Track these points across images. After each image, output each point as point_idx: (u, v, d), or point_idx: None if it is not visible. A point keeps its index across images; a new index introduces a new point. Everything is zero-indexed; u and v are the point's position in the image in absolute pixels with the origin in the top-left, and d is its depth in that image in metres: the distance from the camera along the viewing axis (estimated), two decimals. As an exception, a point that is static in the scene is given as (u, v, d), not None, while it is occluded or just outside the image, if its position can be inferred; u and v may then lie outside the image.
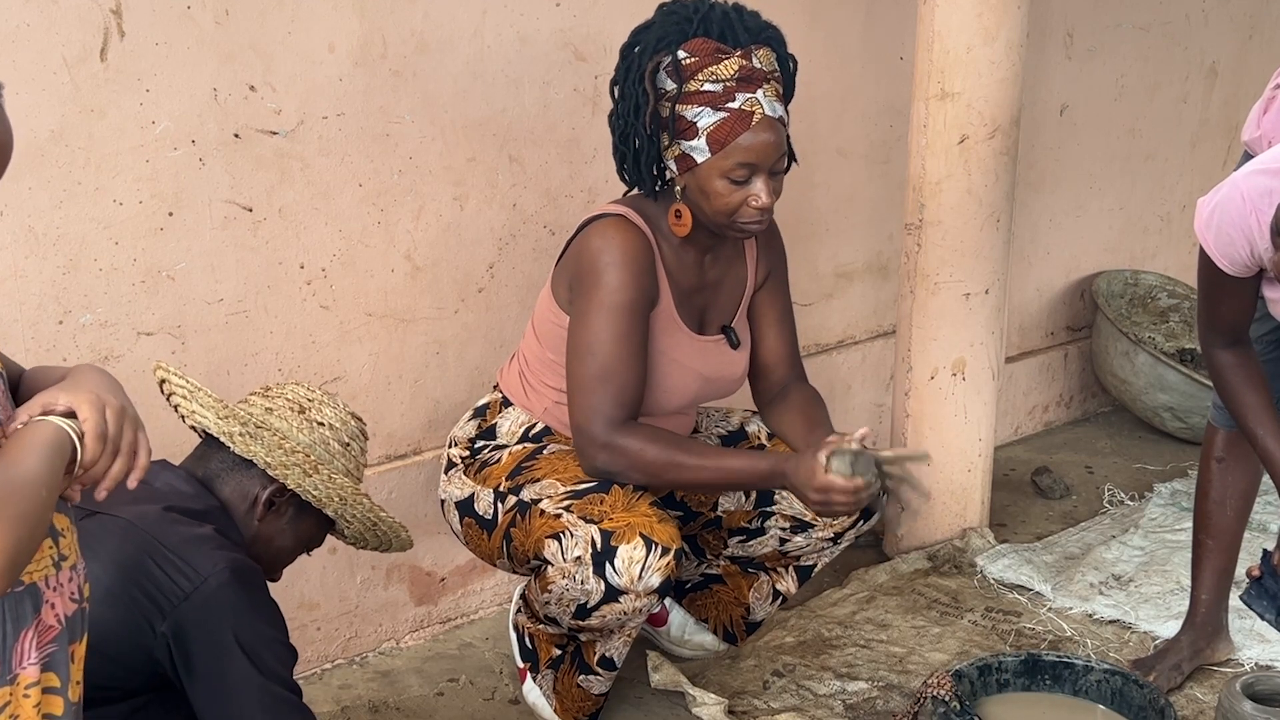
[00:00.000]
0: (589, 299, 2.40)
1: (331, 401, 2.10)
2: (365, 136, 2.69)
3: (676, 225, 2.45)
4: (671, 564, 2.33)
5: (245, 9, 2.48)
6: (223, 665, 1.80)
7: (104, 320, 2.46)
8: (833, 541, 2.73)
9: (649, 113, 2.36)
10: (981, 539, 3.32)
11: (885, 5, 3.49)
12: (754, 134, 2.33)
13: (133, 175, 2.43)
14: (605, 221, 2.44)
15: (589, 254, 2.41)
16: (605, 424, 2.37)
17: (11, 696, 1.40)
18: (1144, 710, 2.48)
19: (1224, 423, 2.65)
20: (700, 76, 2.33)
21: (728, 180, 2.36)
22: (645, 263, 2.42)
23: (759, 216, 2.40)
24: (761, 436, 2.74)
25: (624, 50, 2.42)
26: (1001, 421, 3.71)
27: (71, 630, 1.48)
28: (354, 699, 2.77)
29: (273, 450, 1.96)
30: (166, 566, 1.79)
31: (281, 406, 2.04)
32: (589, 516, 2.36)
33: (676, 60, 2.34)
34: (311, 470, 1.97)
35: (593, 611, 2.38)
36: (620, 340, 2.38)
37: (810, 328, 3.61)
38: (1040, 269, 4.18)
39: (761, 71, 2.35)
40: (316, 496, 1.99)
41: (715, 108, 2.33)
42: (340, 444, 2.06)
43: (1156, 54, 4.22)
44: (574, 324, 2.42)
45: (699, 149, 2.35)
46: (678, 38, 2.35)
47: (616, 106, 2.43)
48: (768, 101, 2.35)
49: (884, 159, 3.62)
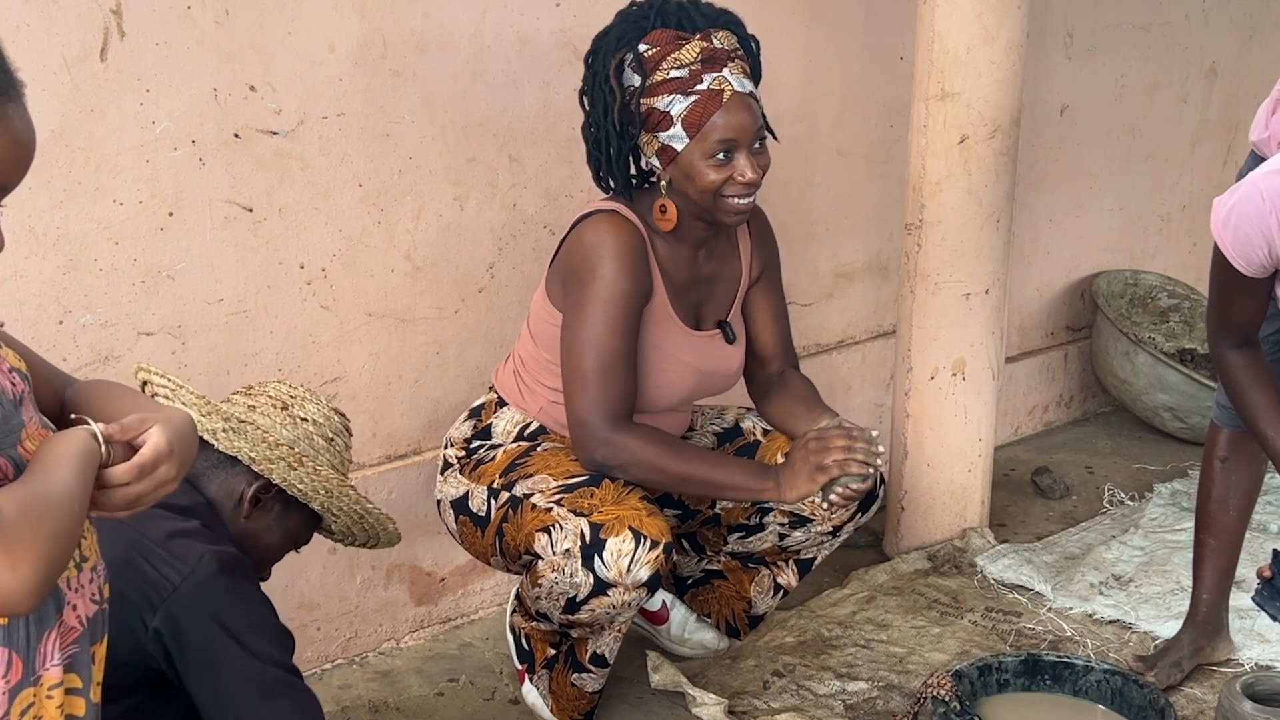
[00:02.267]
0: (583, 293, 2.40)
1: (314, 398, 2.10)
2: (365, 136, 2.69)
3: (661, 220, 2.47)
4: (661, 557, 2.34)
5: (245, 9, 2.48)
6: (216, 654, 1.80)
7: (104, 320, 2.46)
8: (832, 535, 2.74)
9: (617, 109, 2.39)
10: (981, 539, 3.32)
11: (885, 5, 3.49)
12: (727, 112, 2.36)
13: (133, 175, 2.43)
14: (598, 217, 2.45)
15: (582, 249, 2.42)
16: (604, 418, 2.39)
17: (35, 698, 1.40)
18: (1144, 710, 2.48)
19: (1227, 422, 2.65)
20: (664, 65, 2.36)
21: (711, 161, 2.38)
22: (639, 256, 2.43)
23: (746, 191, 2.42)
24: (757, 432, 2.74)
25: (587, 59, 2.46)
26: (1001, 421, 3.71)
27: (93, 631, 1.48)
28: (354, 699, 2.77)
29: (257, 445, 1.95)
30: (154, 561, 1.80)
31: (264, 404, 2.04)
32: (579, 510, 2.38)
33: (638, 54, 2.37)
34: (296, 464, 1.97)
35: (582, 605, 2.39)
36: (616, 332, 2.40)
37: (810, 328, 3.61)
38: (1040, 269, 4.18)
39: (724, 51, 2.38)
40: (302, 490, 1.98)
41: (684, 93, 2.35)
42: (324, 439, 2.06)
43: (1156, 54, 4.22)
44: (569, 319, 2.43)
45: (677, 137, 2.37)
46: (636, 34, 2.38)
47: (587, 116, 2.47)
48: (735, 79, 2.37)
49: (884, 159, 3.62)
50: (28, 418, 1.44)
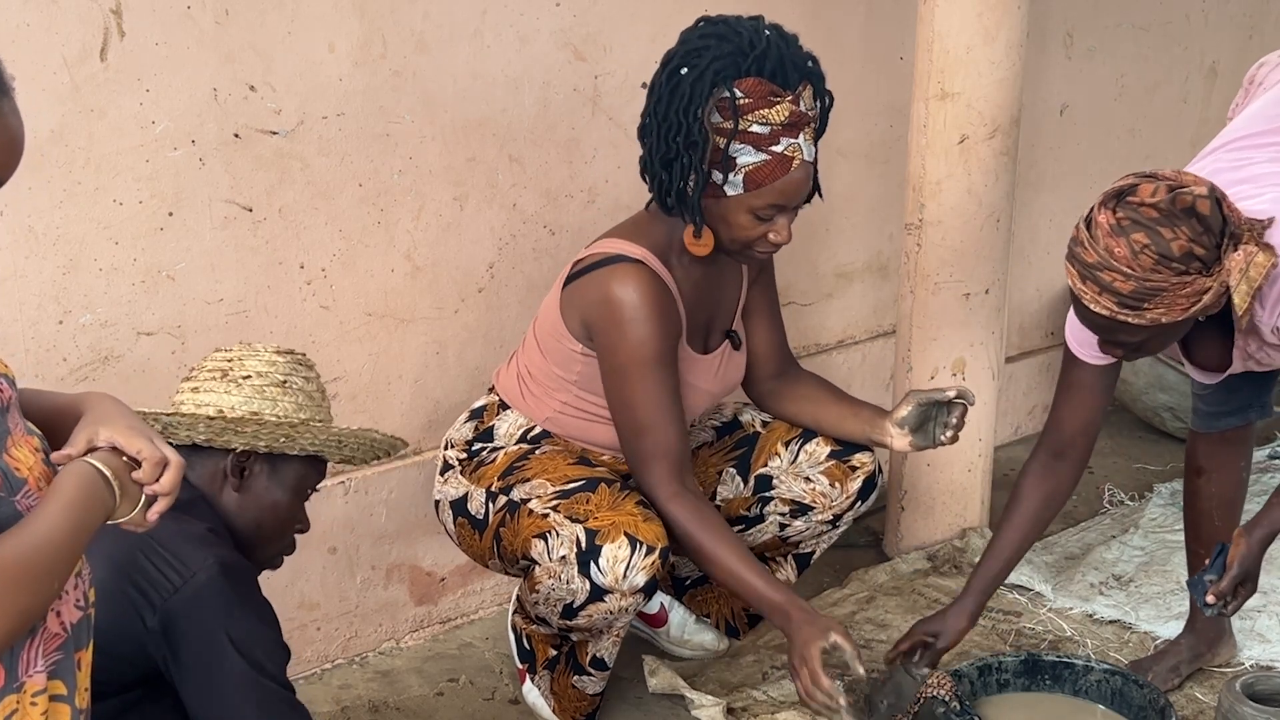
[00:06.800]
0: (621, 353, 2.40)
1: (252, 352, 2.04)
2: (365, 136, 2.69)
3: (695, 245, 2.43)
4: (657, 563, 2.34)
5: (245, 9, 2.48)
6: (212, 660, 1.79)
7: (104, 320, 2.46)
8: (832, 525, 2.75)
9: (708, 151, 2.32)
10: (981, 539, 3.31)
11: (885, 5, 3.49)
12: (789, 179, 2.35)
13: (133, 175, 2.43)
14: (627, 269, 2.41)
15: (612, 303, 2.40)
16: (661, 477, 2.43)
17: (18, 704, 1.40)
18: (1144, 710, 2.48)
19: (1201, 425, 2.66)
20: (750, 117, 2.31)
21: (753, 216, 2.37)
22: (670, 309, 2.44)
23: (774, 249, 2.44)
24: (756, 424, 2.77)
25: (671, 70, 2.35)
26: (1001, 421, 3.71)
27: (77, 637, 1.48)
28: (354, 699, 2.76)
29: (194, 428, 1.94)
30: (157, 560, 1.80)
31: (204, 380, 2.01)
32: (575, 516, 2.38)
33: (733, 99, 2.30)
34: (240, 426, 1.94)
35: (579, 611, 2.39)
36: (661, 386, 2.42)
37: (810, 328, 3.61)
38: (1040, 269, 4.18)
39: (807, 116, 2.35)
40: (266, 444, 1.97)
41: (758, 148, 2.32)
42: (277, 386, 2.01)
43: (1156, 54, 4.22)
44: (612, 377, 2.43)
45: (733, 184, 2.35)
46: (732, 73, 2.31)
47: (659, 128, 2.35)
48: (806, 145, 2.37)
49: (884, 159, 3.61)
50: (13, 425, 1.44)
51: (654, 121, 2.37)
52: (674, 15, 3.06)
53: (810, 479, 2.71)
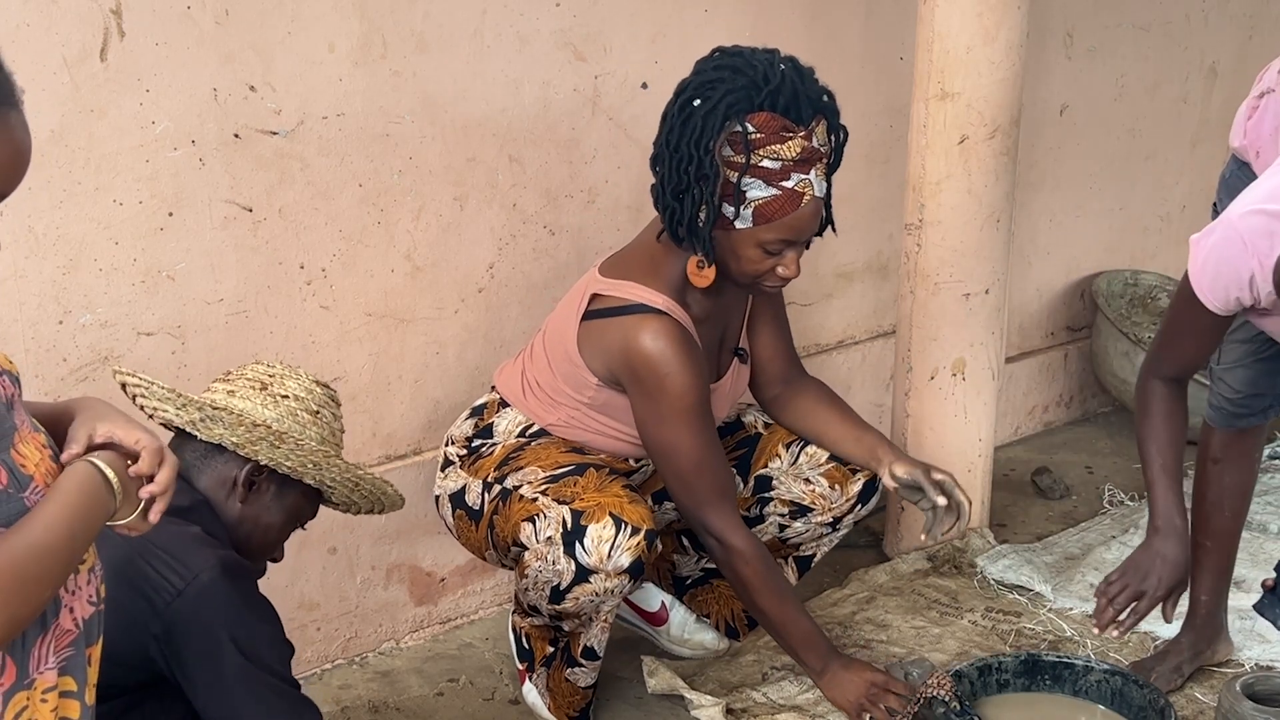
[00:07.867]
0: (660, 403, 2.42)
1: (294, 374, 2.08)
2: (365, 136, 2.69)
3: (697, 276, 2.44)
4: (642, 544, 2.35)
5: (245, 9, 2.48)
6: (217, 660, 1.80)
7: (104, 320, 2.46)
8: (832, 527, 2.75)
9: (720, 185, 2.33)
10: (981, 539, 3.32)
11: (885, 5, 3.49)
12: (799, 215, 2.35)
13: (133, 175, 2.43)
14: (652, 323, 2.40)
15: (642, 356, 2.40)
16: (726, 513, 2.48)
17: (29, 701, 1.40)
18: (1144, 710, 2.48)
19: (1220, 422, 2.65)
20: (762, 152, 2.31)
21: (763, 250, 2.38)
22: (698, 355, 2.45)
23: (783, 284, 2.46)
24: (758, 425, 2.79)
25: (684, 101, 2.34)
26: (1001, 421, 3.71)
27: (88, 633, 1.48)
28: (354, 699, 2.77)
29: (235, 429, 1.95)
30: (158, 564, 1.80)
31: (242, 387, 2.03)
32: (562, 498, 2.41)
33: (745, 134, 2.30)
34: (278, 442, 1.96)
35: (566, 593, 2.40)
36: (701, 431, 2.45)
37: (810, 328, 3.61)
38: (1040, 269, 4.18)
39: (819, 152, 2.35)
40: (291, 466, 1.98)
41: (769, 183, 2.32)
42: (309, 413, 2.05)
43: (1156, 54, 4.22)
44: (649, 425, 2.46)
45: (742, 217, 2.35)
46: (746, 107, 2.30)
47: (671, 158, 2.35)
48: (818, 181, 2.37)
49: (884, 159, 3.61)
50: (19, 421, 1.44)
51: (666, 151, 2.37)
52: (674, 15, 3.08)
53: (810, 480, 2.72)
